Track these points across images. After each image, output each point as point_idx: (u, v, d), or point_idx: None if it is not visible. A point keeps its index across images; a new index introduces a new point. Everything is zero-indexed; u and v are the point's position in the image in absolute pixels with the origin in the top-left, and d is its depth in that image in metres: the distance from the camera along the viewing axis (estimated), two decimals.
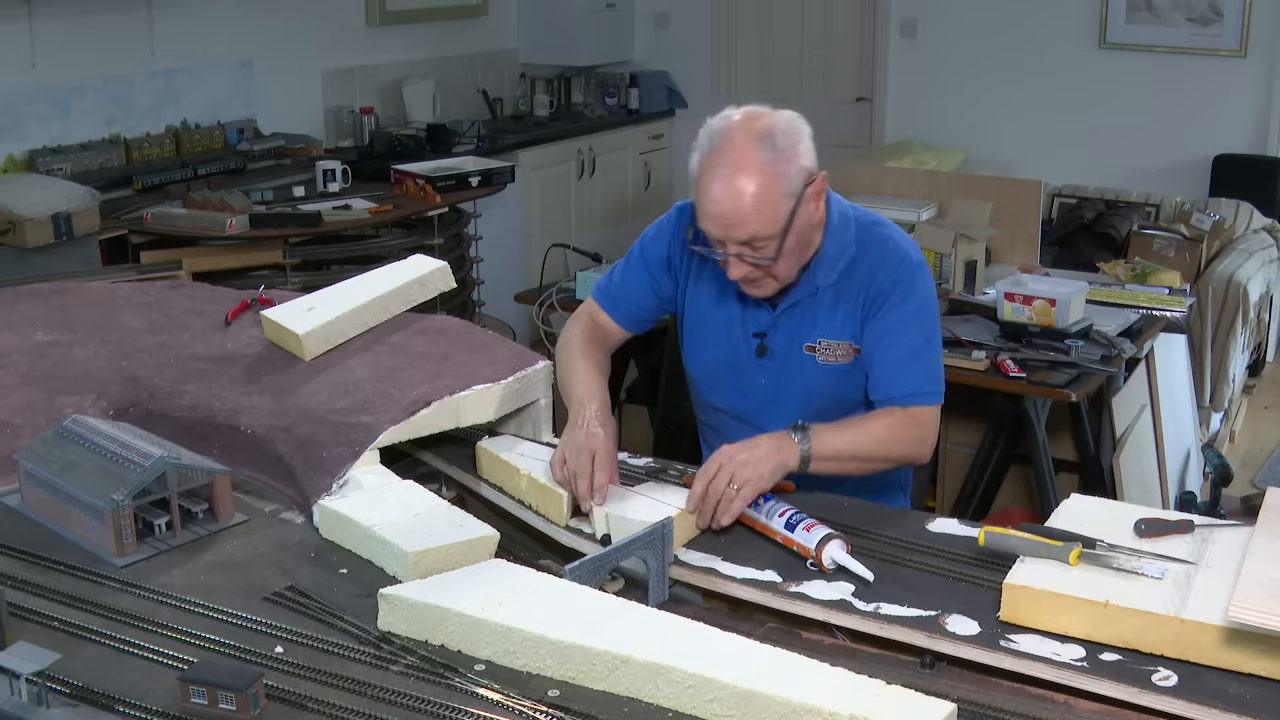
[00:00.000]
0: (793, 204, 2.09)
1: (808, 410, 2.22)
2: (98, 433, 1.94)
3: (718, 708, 1.45)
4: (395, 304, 2.45)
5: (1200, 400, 5.07)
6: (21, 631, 1.60)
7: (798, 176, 2.10)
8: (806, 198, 2.13)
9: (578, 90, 7.30)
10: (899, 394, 2.22)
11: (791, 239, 2.12)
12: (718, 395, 2.41)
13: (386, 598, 1.65)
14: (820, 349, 2.28)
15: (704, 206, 2.11)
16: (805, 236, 2.17)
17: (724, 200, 2.07)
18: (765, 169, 2.06)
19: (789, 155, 2.09)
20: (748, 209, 2.06)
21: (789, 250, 2.13)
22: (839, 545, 1.82)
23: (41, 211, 4.19)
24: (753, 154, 2.06)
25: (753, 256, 2.12)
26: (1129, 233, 5.50)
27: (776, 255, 2.11)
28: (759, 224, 2.07)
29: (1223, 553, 1.71)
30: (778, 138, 2.09)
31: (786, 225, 2.10)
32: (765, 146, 2.07)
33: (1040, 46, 6.48)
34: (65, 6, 4.92)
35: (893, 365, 2.23)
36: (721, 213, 2.08)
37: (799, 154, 2.11)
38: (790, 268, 2.19)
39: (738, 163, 2.06)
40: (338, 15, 6.13)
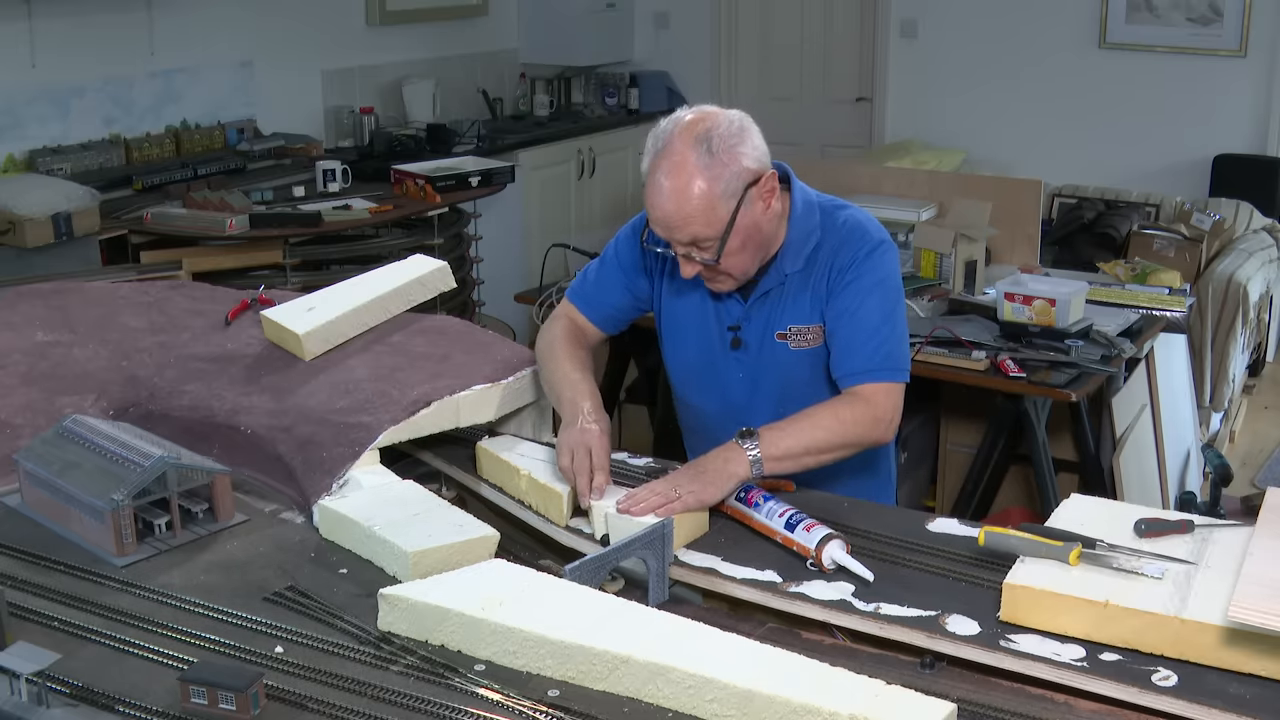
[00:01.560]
0: (733, 205, 2.11)
1: (787, 400, 2.24)
2: (98, 433, 1.94)
3: (718, 708, 1.45)
4: (395, 304, 2.45)
5: (1200, 400, 5.07)
6: (21, 631, 1.60)
7: (737, 179, 2.11)
8: (751, 198, 2.14)
9: (578, 90, 7.30)
10: (855, 370, 2.20)
11: (736, 239, 2.14)
12: (698, 394, 2.42)
13: (386, 598, 1.65)
14: (791, 335, 2.30)
15: (650, 209, 2.16)
16: (756, 235, 2.18)
17: (664, 204, 2.11)
18: (702, 172, 2.08)
19: (726, 159, 2.10)
20: (686, 212, 2.10)
21: (736, 249, 2.15)
22: (839, 545, 1.82)
23: (41, 211, 4.19)
24: (691, 157, 2.09)
25: (699, 256, 2.15)
26: (1129, 233, 5.50)
27: (718, 255, 2.14)
28: (699, 226, 2.11)
29: (1223, 553, 1.71)
30: (714, 140, 2.09)
31: (728, 227, 2.11)
32: (702, 151, 2.09)
33: (1040, 47, 6.48)
34: (65, 6, 4.92)
35: (849, 342, 2.22)
36: (664, 215, 2.13)
37: (738, 156, 2.11)
38: (743, 265, 2.20)
39: (676, 166, 2.09)
40: (338, 15, 6.13)
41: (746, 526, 1.96)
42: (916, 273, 4.13)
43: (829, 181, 4.72)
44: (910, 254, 4.20)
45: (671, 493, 1.92)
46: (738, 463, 2.01)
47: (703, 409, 2.43)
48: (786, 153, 2.44)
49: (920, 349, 3.63)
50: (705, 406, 2.42)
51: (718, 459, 2.02)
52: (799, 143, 7.04)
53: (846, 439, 2.14)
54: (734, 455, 2.02)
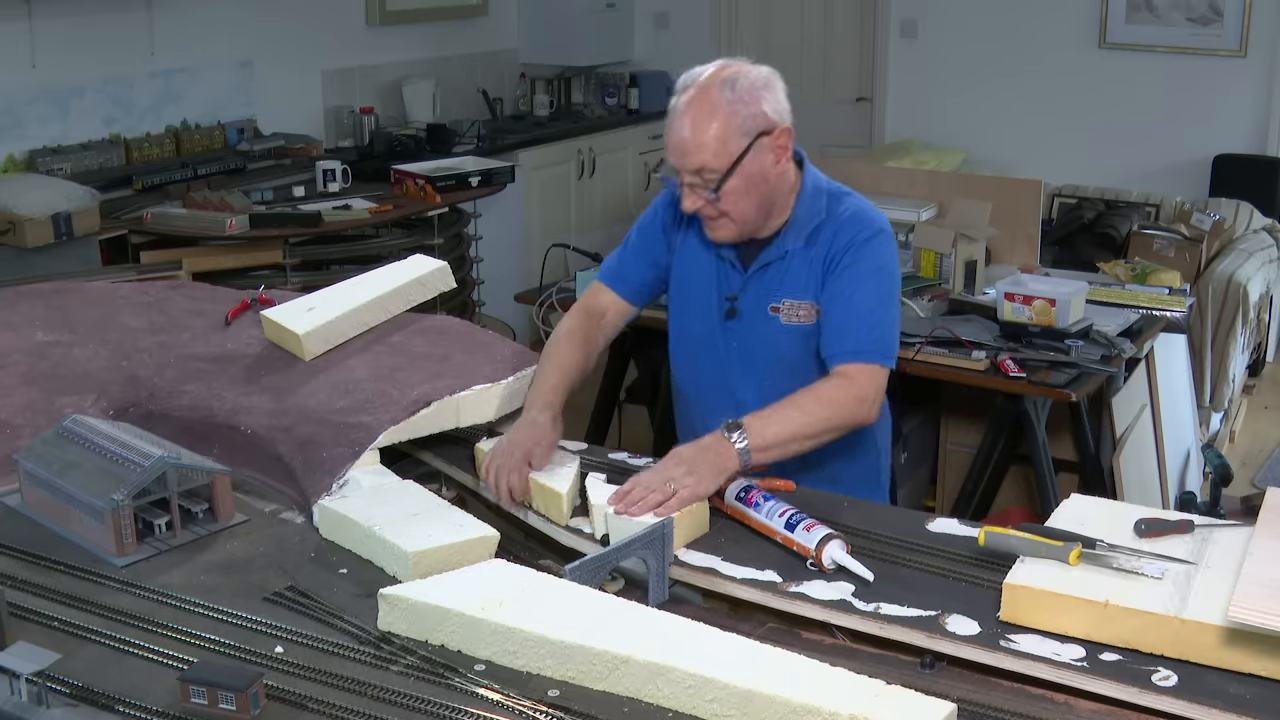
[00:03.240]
0: (744, 143, 2.21)
1: (776, 376, 2.30)
2: (98, 433, 1.94)
3: (718, 708, 1.45)
4: (395, 304, 2.45)
5: (1200, 400, 5.07)
6: (21, 631, 1.60)
7: (752, 120, 2.21)
8: (762, 145, 2.23)
9: (578, 90, 7.30)
10: (842, 350, 2.25)
11: (740, 179, 2.22)
12: (691, 364, 2.47)
13: (386, 598, 1.65)
14: (784, 309, 2.35)
15: (667, 139, 2.26)
16: (761, 185, 2.26)
17: (680, 130, 2.22)
18: (720, 106, 2.20)
19: (747, 99, 2.21)
20: (699, 140, 2.20)
21: (739, 190, 2.23)
22: (839, 545, 1.82)
23: (41, 211, 4.19)
24: (713, 93, 2.21)
25: (701, 187, 2.23)
26: (1129, 233, 5.50)
27: (718, 187, 2.21)
28: (708, 155, 2.20)
29: (1223, 553, 1.71)
30: (739, 82, 2.21)
31: (735, 162, 2.20)
32: (726, 88, 2.21)
33: (1040, 47, 6.48)
34: (65, 6, 4.92)
35: (840, 323, 2.28)
36: (677, 142, 2.22)
37: (759, 100, 2.23)
38: (743, 211, 2.26)
39: (699, 98, 2.21)
40: (338, 15, 6.13)
41: (746, 526, 1.96)
42: (916, 273, 4.13)
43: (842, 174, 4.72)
44: (910, 254, 4.20)
45: (666, 488, 1.92)
46: (726, 455, 2.03)
47: (695, 380, 2.48)
48: None
49: (920, 349, 3.63)
50: (697, 378, 2.46)
51: (707, 451, 2.03)
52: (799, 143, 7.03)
53: (831, 421, 2.17)
54: (721, 447, 2.04)
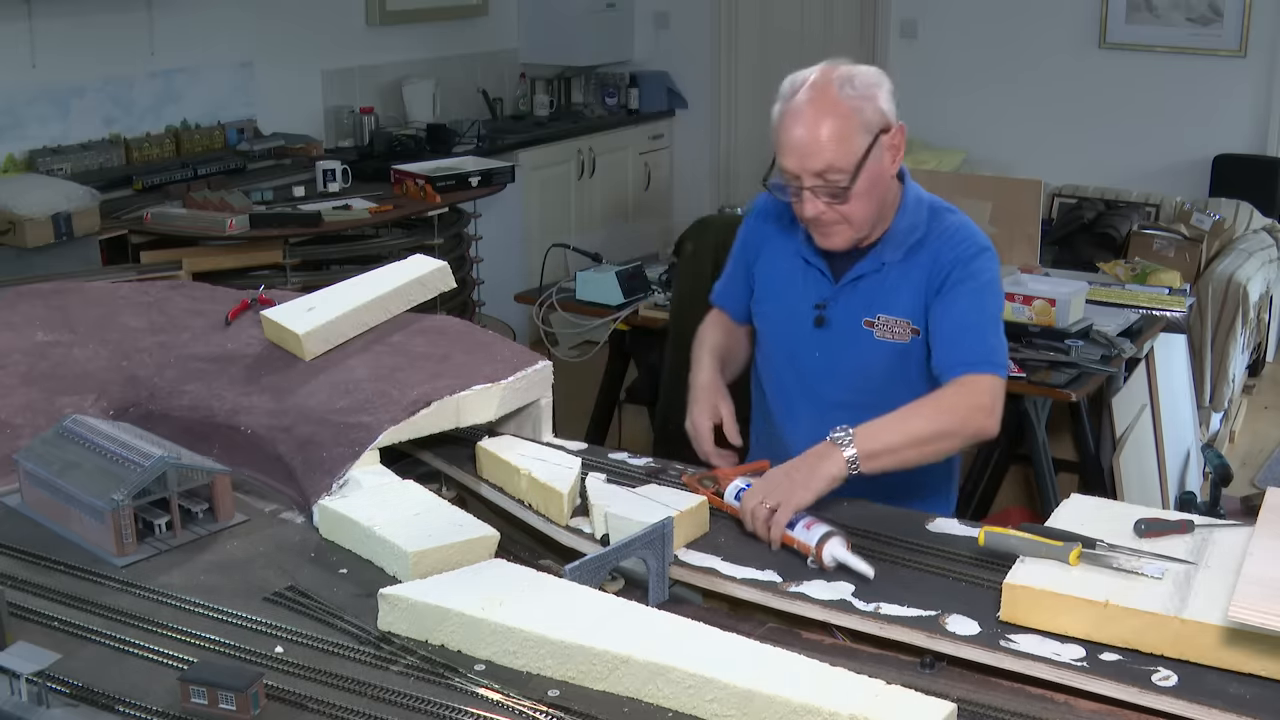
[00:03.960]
0: (868, 141, 2.16)
1: (862, 389, 2.26)
2: (98, 433, 1.94)
3: (718, 708, 1.45)
4: (395, 304, 2.44)
5: (1200, 400, 5.07)
6: (21, 631, 1.60)
7: (875, 116, 2.17)
8: (883, 144, 2.19)
9: (578, 90, 7.30)
10: (956, 362, 2.20)
11: (864, 179, 2.16)
12: (775, 369, 2.42)
13: (386, 598, 1.65)
14: (879, 325, 2.29)
15: (783, 142, 2.18)
16: (880, 186, 2.21)
17: (802, 131, 2.15)
18: (843, 103, 2.15)
19: (868, 95, 2.17)
20: (824, 138, 2.14)
21: (861, 191, 2.17)
22: (839, 542, 1.82)
23: (41, 211, 4.19)
24: (832, 90, 2.15)
25: (825, 190, 2.17)
26: (1129, 233, 5.50)
27: (848, 188, 2.15)
28: (834, 154, 2.14)
29: (1223, 553, 1.71)
30: (857, 79, 2.17)
31: (861, 161, 2.15)
32: (845, 85, 2.16)
33: (1040, 47, 6.48)
34: (65, 6, 4.92)
35: (953, 336, 2.23)
36: (800, 142, 2.15)
37: (877, 97, 2.18)
38: (862, 214, 2.21)
39: (818, 98, 2.15)
40: (338, 15, 6.13)
41: (739, 523, 1.96)
42: None
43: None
44: None
45: (763, 509, 1.90)
46: (833, 461, 2.00)
47: (777, 387, 2.43)
48: None
49: None
50: (780, 384, 2.42)
51: (812, 460, 2.00)
52: None
53: (948, 427, 2.13)
54: (829, 453, 2.01)
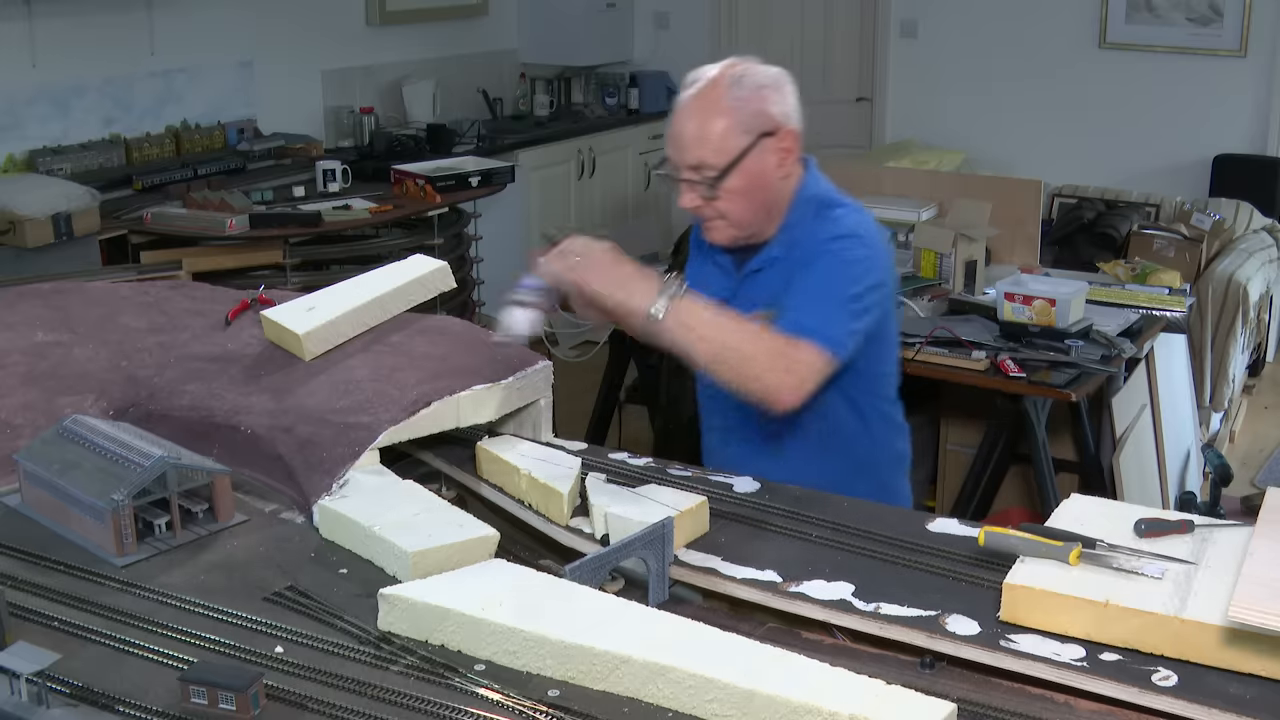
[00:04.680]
0: (746, 142, 2.16)
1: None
2: (98, 433, 1.94)
3: (718, 708, 1.45)
4: (395, 304, 2.44)
5: (1200, 400, 5.07)
6: (21, 631, 1.60)
7: (757, 119, 2.16)
8: (766, 146, 2.18)
9: (578, 90, 7.30)
10: (788, 325, 2.13)
11: (740, 178, 2.17)
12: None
13: (386, 598, 1.65)
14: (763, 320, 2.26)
15: (669, 132, 2.22)
16: (762, 187, 2.20)
17: (682, 121, 2.19)
18: (724, 101, 2.15)
19: (754, 98, 2.16)
20: (699, 133, 2.16)
21: (737, 190, 2.18)
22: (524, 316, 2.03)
23: (41, 211, 4.19)
24: (720, 89, 2.17)
25: (699, 184, 2.18)
26: (1129, 233, 5.50)
27: (715, 184, 2.16)
28: (707, 151, 2.16)
29: (1223, 553, 1.71)
30: (746, 79, 2.18)
31: (734, 160, 2.15)
32: (733, 85, 2.17)
33: (1040, 47, 6.49)
34: (65, 6, 4.92)
35: (793, 306, 2.17)
36: (678, 133, 2.19)
37: (765, 100, 2.18)
38: (740, 212, 2.21)
39: (705, 92, 2.18)
40: (338, 15, 6.13)
41: (739, 523, 1.96)
42: (916, 273, 4.13)
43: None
44: (910, 254, 4.20)
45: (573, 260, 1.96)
46: (642, 293, 2.00)
47: (701, 383, 2.45)
48: None
49: (920, 349, 3.63)
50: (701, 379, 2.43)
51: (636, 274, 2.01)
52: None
53: (755, 360, 2.05)
54: (647, 287, 2.00)
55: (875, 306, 2.20)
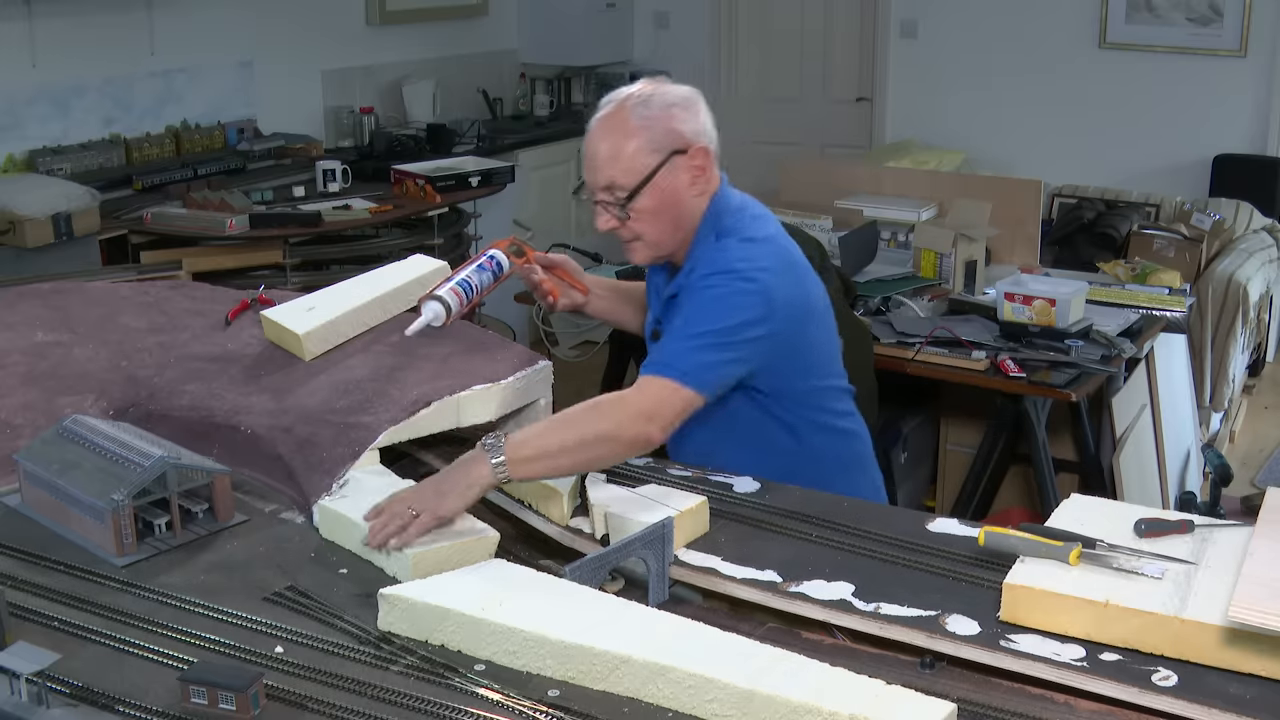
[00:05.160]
0: (654, 161, 2.16)
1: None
2: (98, 433, 1.94)
3: (718, 708, 1.45)
4: (395, 304, 2.45)
5: (1200, 400, 5.07)
6: (21, 631, 1.60)
7: (665, 137, 2.16)
8: (676, 165, 2.18)
9: (578, 90, 7.30)
10: (649, 363, 2.12)
11: (651, 198, 2.17)
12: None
13: (386, 598, 1.65)
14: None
15: (583, 154, 2.23)
16: (674, 206, 2.19)
17: (590, 146, 2.19)
18: (632, 122, 2.15)
19: (662, 117, 2.16)
20: (607, 154, 2.16)
21: (649, 210, 2.18)
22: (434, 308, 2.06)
23: (41, 211, 4.19)
24: (627, 110, 2.17)
25: (611, 205, 2.18)
26: (1129, 233, 5.50)
27: (626, 204, 2.17)
28: (616, 171, 2.16)
29: (1223, 553, 1.71)
30: (654, 100, 2.17)
31: (644, 179, 2.15)
32: (640, 105, 2.17)
33: (1040, 47, 6.48)
34: (65, 6, 4.92)
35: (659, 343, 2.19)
36: (588, 155, 2.20)
37: (673, 118, 2.17)
38: (654, 232, 2.21)
39: (610, 116, 2.18)
40: (338, 15, 6.13)
41: (734, 521, 1.96)
42: (916, 273, 4.13)
43: (829, 181, 4.73)
44: (910, 254, 4.20)
45: (407, 513, 1.82)
46: (479, 471, 1.89)
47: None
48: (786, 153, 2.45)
49: (920, 349, 3.63)
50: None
51: (460, 468, 1.91)
52: (799, 143, 7.04)
53: (603, 432, 1.99)
54: (478, 459, 1.91)
55: (757, 340, 2.15)
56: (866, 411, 2.52)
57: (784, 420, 2.29)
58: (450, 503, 1.86)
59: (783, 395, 2.27)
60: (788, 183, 4.86)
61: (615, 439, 2.01)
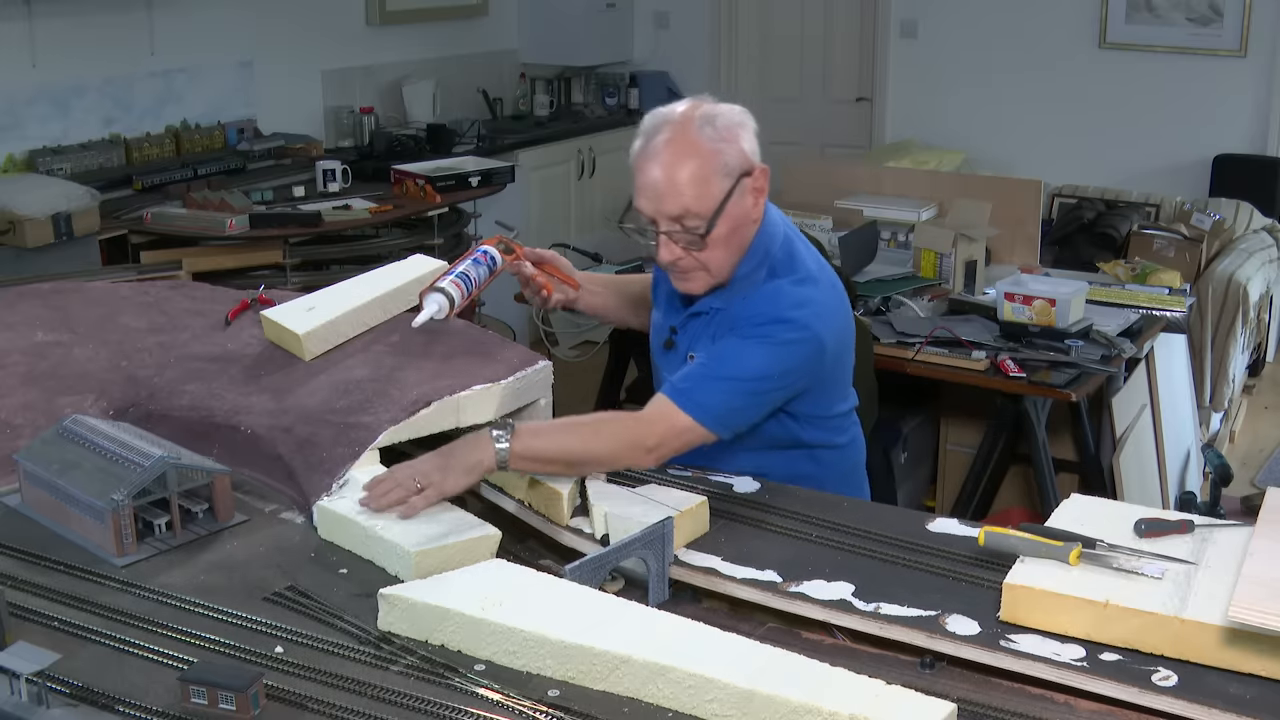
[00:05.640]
0: (728, 185, 2.07)
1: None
2: (98, 433, 1.94)
3: (718, 708, 1.45)
4: (395, 304, 2.44)
5: (1200, 400, 5.07)
6: (21, 631, 1.60)
7: (736, 159, 2.08)
8: (744, 187, 2.10)
9: (578, 90, 7.30)
10: (673, 383, 2.09)
11: (724, 224, 2.08)
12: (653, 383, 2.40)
13: (386, 598, 1.65)
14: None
15: (640, 183, 2.09)
16: (740, 230, 2.12)
17: (659, 171, 2.06)
18: (703, 145, 2.06)
19: (729, 136, 2.08)
20: (682, 181, 2.05)
21: (721, 237, 2.09)
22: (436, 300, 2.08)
23: (41, 211, 4.19)
24: (692, 131, 2.06)
25: (682, 236, 2.09)
26: (1129, 233, 5.50)
27: (705, 233, 2.07)
28: (691, 198, 2.05)
29: (1223, 553, 1.71)
30: (719, 119, 2.08)
31: (720, 205, 2.06)
32: (706, 125, 2.07)
33: (1040, 46, 6.48)
34: (65, 6, 4.92)
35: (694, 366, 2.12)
36: (655, 184, 2.06)
37: (739, 138, 2.09)
38: (720, 260, 2.13)
39: (677, 139, 2.06)
40: (338, 15, 6.13)
41: (731, 519, 1.96)
42: (916, 273, 4.14)
43: (829, 181, 4.74)
44: (910, 254, 4.20)
45: (412, 484, 1.85)
46: (484, 451, 1.93)
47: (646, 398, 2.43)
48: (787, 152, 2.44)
49: (920, 349, 3.63)
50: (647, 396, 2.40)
51: (466, 446, 1.95)
52: (799, 143, 7.04)
53: (601, 454, 2.02)
54: (482, 444, 1.94)
55: (789, 387, 2.14)
56: (866, 411, 2.52)
57: (798, 437, 2.26)
58: (455, 480, 1.90)
59: (804, 418, 2.24)
60: (788, 183, 4.86)
61: (610, 463, 2.05)
